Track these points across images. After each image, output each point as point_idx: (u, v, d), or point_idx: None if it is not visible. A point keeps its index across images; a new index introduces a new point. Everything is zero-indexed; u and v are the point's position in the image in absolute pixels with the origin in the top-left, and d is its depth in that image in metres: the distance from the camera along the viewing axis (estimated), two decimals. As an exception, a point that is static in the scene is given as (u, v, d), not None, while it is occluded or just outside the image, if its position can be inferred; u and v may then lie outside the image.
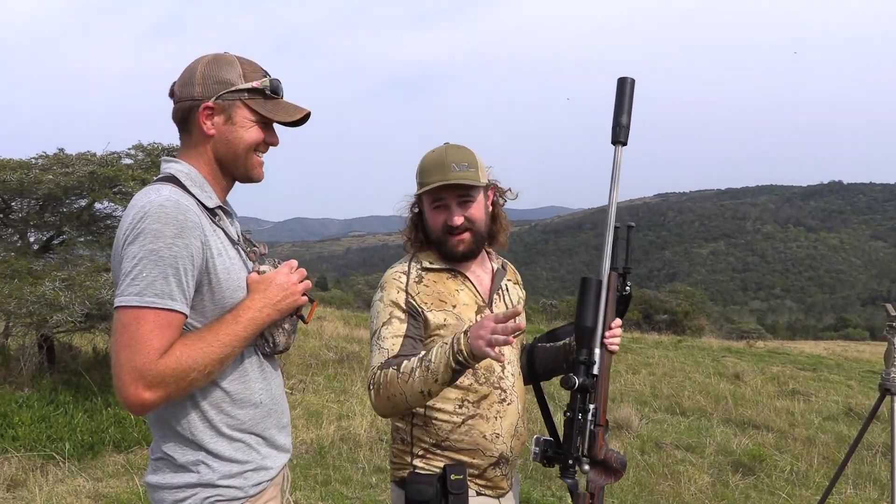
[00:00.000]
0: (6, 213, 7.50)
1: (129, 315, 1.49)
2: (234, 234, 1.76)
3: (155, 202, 1.55)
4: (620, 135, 2.03)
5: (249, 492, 1.68)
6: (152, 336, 1.49)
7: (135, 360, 1.47)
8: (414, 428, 2.08)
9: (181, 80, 1.70)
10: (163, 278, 1.51)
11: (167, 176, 1.67)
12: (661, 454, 6.04)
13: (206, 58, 1.70)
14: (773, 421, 7.59)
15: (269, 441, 1.76)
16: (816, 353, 16.33)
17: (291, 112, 1.74)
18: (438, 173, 2.05)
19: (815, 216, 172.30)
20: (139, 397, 1.48)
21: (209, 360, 1.55)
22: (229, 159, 1.71)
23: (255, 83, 1.69)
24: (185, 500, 1.63)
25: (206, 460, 1.64)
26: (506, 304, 2.20)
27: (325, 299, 30.18)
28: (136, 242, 1.52)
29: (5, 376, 6.82)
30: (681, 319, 25.43)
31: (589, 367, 1.91)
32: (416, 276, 2.12)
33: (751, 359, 13.34)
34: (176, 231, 1.53)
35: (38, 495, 4.42)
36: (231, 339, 1.59)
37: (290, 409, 4.96)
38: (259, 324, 1.65)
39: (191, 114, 1.68)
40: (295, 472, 5.18)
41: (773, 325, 48.86)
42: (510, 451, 2.10)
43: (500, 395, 2.08)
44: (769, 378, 10.64)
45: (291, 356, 10.03)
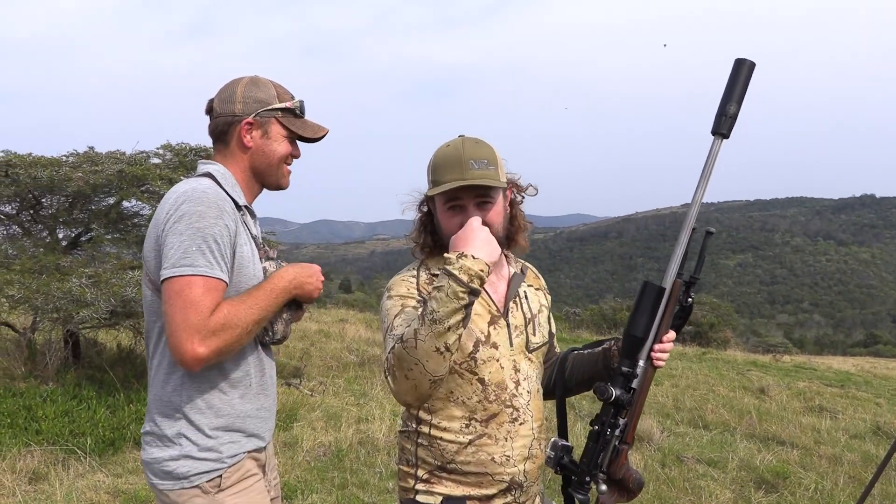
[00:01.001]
0: (36, 209, 7.62)
1: (182, 282, 1.70)
2: (255, 231, 2.00)
3: (197, 189, 1.79)
4: (723, 125, 1.76)
5: (227, 462, 1.87)
6: (203, 298, 1.70)
7: (190, 318, 1.68)
8: (419, 448, 1.92)
9: (220, 98, 1.94)
10: (209, 252, 1.73)
11: (205, 173, 1.91)
12: (683, 468, 5.95)
13: (244, 79, 1.96)
14: (798, 437, 7.45)
15: (252, 420, 1.94)
16: (844, 369, 16.04)
17: (316, 130, 2.02)
18: (455, 171, 1.82)
19: (847, 230, 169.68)
20: (195, 351, 1.68)
21: (250, 320, 1.77)
22: (263, 168, 1.97)
23: (288, 103, 1.97)
24: (171, 473, 1.83)
25: (188, 433, 1.84)
26: (523, 314, 1.99)
27: (348, 302, 30.30)
28: (183, 221, 1.74)
29: (31, 370, 6.91)
30: (706, 331, 25.14)
31: (629, 379, 1.78)
32: (426, 278, 1.94)
33: (777, 373, 13.13)
34: (217, 213, 1.76)
35: (58, 489, 4.46)
36: (267, 304, 1.82)
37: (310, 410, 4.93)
38: (286, 295, 1.87)
39: (231, 128, 1.93)
40: (312, 475, 5.19)
41: (800, 339, 48.16)
42: (523, 476, 1.90)
43: (512, 414, 1.89)
44: (795, 393, 10.46)
45: (313, 358, 10.06)
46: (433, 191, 1.88)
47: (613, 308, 26.82)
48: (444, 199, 1.89)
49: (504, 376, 1.89)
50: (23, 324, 7.57)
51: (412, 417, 1.95)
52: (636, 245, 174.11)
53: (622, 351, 1.81)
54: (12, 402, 5.85)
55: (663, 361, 1.84)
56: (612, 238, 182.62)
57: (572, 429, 7.06)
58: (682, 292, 1.82)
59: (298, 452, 5.71)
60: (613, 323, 23.87)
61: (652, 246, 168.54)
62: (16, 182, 6.99)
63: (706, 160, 1.78)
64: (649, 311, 1.77)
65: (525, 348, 1.96)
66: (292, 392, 7.90)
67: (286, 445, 5.91)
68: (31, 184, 7.01)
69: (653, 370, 1.83)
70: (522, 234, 2.02)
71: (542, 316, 2.06)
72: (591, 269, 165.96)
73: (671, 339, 1.84)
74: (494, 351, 1.89)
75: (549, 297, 2.17)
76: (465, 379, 1.87)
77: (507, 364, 1.91)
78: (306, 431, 6.27)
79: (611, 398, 1.74)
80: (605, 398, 1.74)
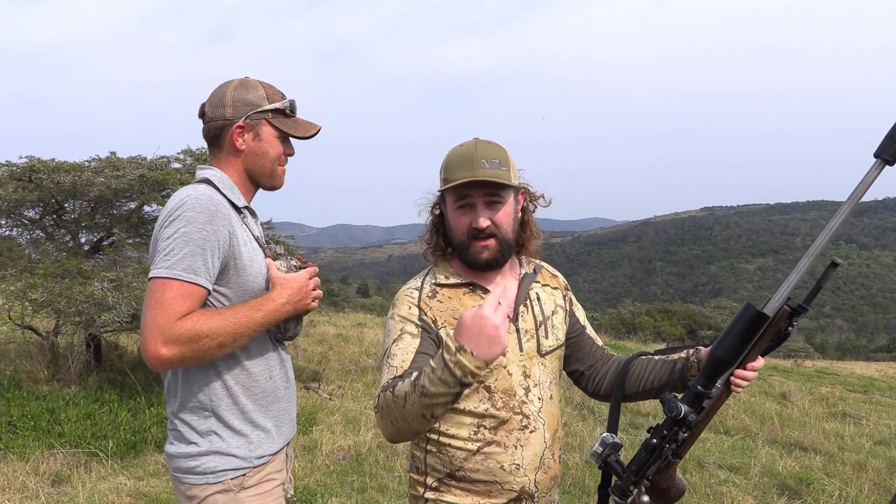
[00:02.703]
0: (59, 213, 7.70)
1: (158, 283, 1.73)
2: (257, 231, 2.04)
3: (192, 195, 1.80)
4: (889, 150, 1.48)
5: (254, 462, 1.91)
6: (175, 301, 1.71)
7: (158, 319, 1.69)
8: (428, 455, 1.89)
9: (211, 102, 1.96)
10: (191, 256, 1.74)
11: (203, 179, 1.93)
12: (704, 474, 5.90)
13: (233, 83, 1.97)
14: (821, 443, 7.36)
15: (276, 419, 1.99)
16: (867, 374, 15.84)
17: (308, 128, 2.04)
18: (466, 169, 1.79)
19: (869, 233, 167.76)
20: (157, 352, 1.68)
21: (223, 332, 1.76)
22: (258, 170, 1.99)
23: (278, 104, 1.97)
24: (197, 467, 1.87)
25: (219, 430, 1.88)
26: (534, 316, 1.93)
27: (365, 306, 30.36)
28: (172, 226, 1.77)
29: (54, 373, 6.99)
30: (726, 336, 24.92)
31: (701, 399, 1.67)
32: (430, 291, 1.90)
33: (798, 378, 13.00)
34: (207, 218, 1.78)
35: (80, 492, 4.50)
36: (247, 321, 1.81)
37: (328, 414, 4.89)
38: (277, 316, 1.88)
39: (223, 132, 1.95)
40: (331, 478, 5.19)
41: (822, 344, 47.62)
42: (534, 486, 1.85)
43: (522, 422, 1.84)
44: (817, 399, 10.35)
45: (331, 361, 10.09)
46: (442, 187, 1.86)
47: (632, 312, 26.69)
48: (454, 197, 1.86)
49: (512, 383, 1.85)
50: (46, 327, 7.66)
51: None
52: (655, 249, 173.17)
53: (702, 368, 1.69)
54: (35, 405, 5.92)
55: (741, 388, 1.72)
56: (631, 242, 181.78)
57: (591, 433, 7.02)
58: (786, 319, 1.66)
59: (318, 456, 5.72)
60: (632, 327, 23.75)
61: (671, 250, 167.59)
62: (39, 187, 7.07)
63: (858, 185, 1.53)
64: (742, 336, 1.63)
65: (537, 352, 1.91)
66: (311, 396, 7.92)
67: (305, 449, 5.93)
68: (54, 189, 7.09)
69: (728, 394, 1.71)
70: (534, 241, 2.00)
71: (556, 317, 1.99)
72: (609, 273, 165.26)
73: (757, 367, 1.72)
74: (502, 358, 1.84)
75: (570, 295, 2.09)
76: (471, 388, 1.78)
77: (515, 370, 1.86)
78: (325, 435, 6.28)
79: (679, 416, 1.63)
80: (674, 415, 1.64)
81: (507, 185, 1.82)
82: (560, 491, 5.08)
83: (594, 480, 5.33)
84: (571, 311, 2.07)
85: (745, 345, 1.64)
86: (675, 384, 1.90)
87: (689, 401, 1.66)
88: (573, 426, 7.23)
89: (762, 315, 1.60)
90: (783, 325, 1.65)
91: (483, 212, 1.82)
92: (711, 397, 1.67)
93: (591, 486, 5.29)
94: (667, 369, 1.92)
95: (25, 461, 4.96)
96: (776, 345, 1.70)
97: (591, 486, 5.29)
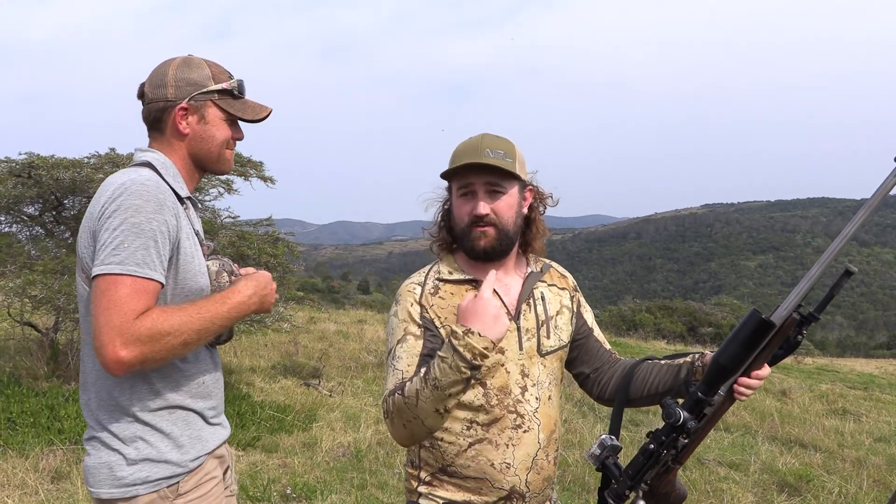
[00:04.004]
0: (59, 210, 7.69)
1: (109, 281, 1.57)
2: (197, 226, 1.88)
3: (136, 180, 1.65)
4: None
5: (189, 466, 1.76)
6: (129, 299, 1.56)
7: (113, 320, 1.54)
8: (421, 450, 1.88)
9: (151, 82, 1.81)
10: (143, 249, 1.59)
11: (144, 162, 1.78)
12: (704, 470, 5.90)
13: (175, 61, 1.81)
14: (821, 440, 7.36)
15: (208, 417, 1.84)
16: (868, 371, 15.86)
17: (257, 111, 1.89)
18: (469, 157, 1.80)
19: (869, 230, 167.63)
20: (116, 355, 1.53)
21: (186, 329, 1.61)
22: (204, 155, 1.85)
23: (225, 84, 1.83)
24: (125, 479, 1.68)
25: (145, 435, 1.71)
26: (536, 315, 1.91)
27: (366, 303, 30.37)
28: (117, 216, 1.60)
29: (54, 370, 6.99)
30: (726, 333, 24.93)
31: (701, 406, 1.63)
32: (432, 287, 1.89)
33: (798, 375, 13.01)
34: (156, 207, 1.63)
35: (80, 488, 4.49)
36: (213, 316, 1.66)
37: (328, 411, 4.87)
38: (243, 310, 1.74)
39: (164, 114, 1.80)
40: (331, 475, 5.19)
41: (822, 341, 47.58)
42: (525, 486, 1.82)
43: (515, 420, 1.82)
44: (817, 396, 10.35)
45: (331, 358, 10.09)
46: (444, 172, 1.87)
47: (633, 309, 26.69)
48: (457, 185, 1.87)
49: (509, 380, 1.83)
50: (45, 324, 7.65)
51: None
52: (655, 246, 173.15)
53: (704, 375, 1.65)
54: (35, 402, 5.92)
55: (745, 397, 1.67)
56: (631, 239, 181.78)
57: (591, 430, 7.02)
58: (795, 328, 1.59)
59: (318, 453, 5.73)
60: (633, 324, 23.75)
61: (671, 247, 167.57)
62: (38, 183, 7.06)
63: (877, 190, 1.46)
64: (746, 344, 1.58)
65: (537, 352, 1.89)
66: (311, 392, 7.92)
67: (305, 446, 5.93)
68: (53, 185, 7.08)
69: (731, 402, 1.66)
70: (540, 239, 1.99)
71: (560, 318, 1.96)
72: (609, 270, 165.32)
73: (762, 375, 1.66)
74: (500, 356, 1.83)
75: (579, 297, 2.07)
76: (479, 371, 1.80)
77: (513, 368, 1.84)
78: (325, 432, 6.28)
79: (677, 422, 1.60)
80: (672, 421, 1.60)
81: (508, 174, 1.82)
82: (560, 488, 5.09)
83: (594, 477, 5.33)
84: (579, 312, 2.05)
85: (749, 353, 1.59)
86: (679, 389, 1.87)
87: (690, 407, 1.63)
88: (573, 423, 7.23)
89: (767, 323, 1.55)
90: (792, 334, 1.59)
91: (483, 198, 1.83)
92: (713, 404, 1.63)
93: (591, 483, 5.29)
94: (671, 374, 1.90)
95: (25, 458, 4.95)
96: (786, 354, 1.64)
97: (591, 483, 5.29)
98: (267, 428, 6.28)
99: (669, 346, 18.11)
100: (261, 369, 9.00)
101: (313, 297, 24.31)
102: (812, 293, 1.57)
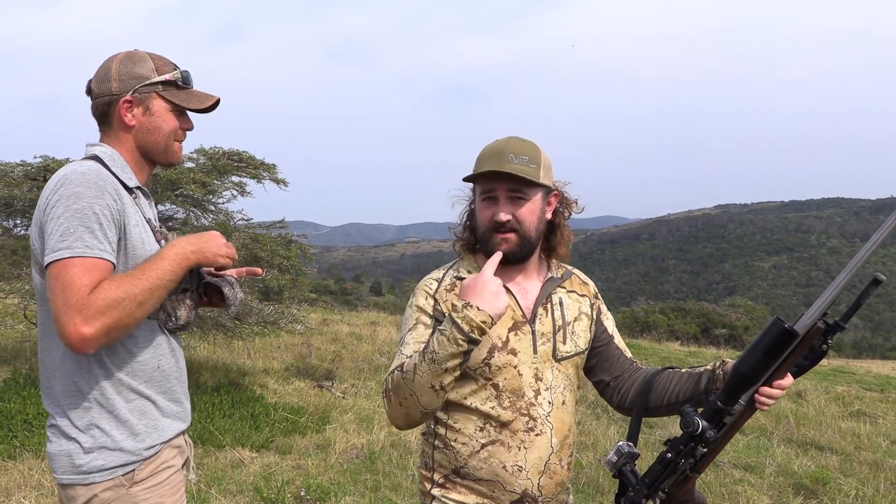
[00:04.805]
0: (74, 213, 7.75)
1: (60, 266, 1.62)
2: (149, 214, 1.92)
3: (76, 170, 1.71)
4: None
5: (144, 454, 1.79)
6: (81, 277, 1.60)
7: (69, 300, 1.58)
8: (435, 451, 1.91)
9: (97, 77, 1.85)
10: (89, 233, 1.64)
11: (91, 156, 1.82)
12: (719, 473, 5.86)
13: (119, 56, 1.86)
14: (837, 443, 7.30)
15: (165, 406, 1.86)
16: (884, 373, 15.69)
17: (203, 100, 1.92)
18: (492, 162, 1.81)
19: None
20: (79, 332, 1.57)
21: (138, 290, 1.65)
22: (150, 146, 1.88)
23: (168, 76, 1.86)
24: (82, 466, 1.73)
25: (101, 423, 1.75)
26: (553, 320, 1.91)
27: (378, 304, 30.39)
28: (60, 205, 1.66)
29: (69, 372, 7.03)
30: (740, 334, 24.78)
31: (722, 415, 1.60)
32: (449, 283, 1.90)
33: (814, 377, 12.88)
34: (96, 192, 1.68)
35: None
36: (158, 272, 1.70)
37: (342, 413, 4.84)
38: (184, 262, 1.76)
39: (110, 108, 1.84)
40: (345, 477, 5.20)
41: (837, 342, 47.26)
42: (537, 490, 1.83)
43: (528, 424, 1.82)
44: (833, 398, 10.26)
45: (344, 360, 10.11)
46: (467, 176, 1.89)
47: (646, 310, 26.57)
48: (480, 189, 1.89)
49: (522, 383, 1.83)
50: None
51: (431, 419, 1.92)
52: (668, 247, 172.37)
53: (724, 384, 1.63)
54: (51, 403, 5.96)
55: (767, 406, 1.64)
56: (644, 240, 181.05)
57: (605, 432, 6.99)
58: (820, 337, 1.55)
59: (331, 454, 5.74)
60: (646, 326, 23.65)
61: (685, 248, 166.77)
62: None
63: None
64: (767, 353, 1.54)
65: (552, 357, 1.89)
66: (324, 394, 7.94)
67: (319, 447, 5.94)
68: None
69: (751, 411, 1.63)
70: (564, 244, 2.00)
71: (578, 325, 1.96)
72: (622, 271, 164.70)
73: (784, 385, 1.62)
74: (512, 357, 1.84)
75: (599, 304, 2.07)
76: (479, 384, 1.84)
77: (526, 371, 1.85)
78: (339, 434, 6.29)
79: (696, 432, 1.57)
80: (690, 430, 1.58)
81: (531, 181, 1.82)
82: (574, 490, 5.07)
83: (608, 480, 5.31)
84: (599, 319, 2.05)
85: (771, 362, 1.56)
86: (699, 397, 1.85)
87: (709, 416, 1.60)
88: (587, 425, 7.21)
89: (789, 332, 1.51)
90: (817, 343, 1.55)
91: (505, 205, 1.83)
92: (733, 414, 1.60)
93: (606, 485, 5.27)
94: (692, 383, 1.87)
95: (41, 459, 4.99)
96: (812, 363, 1.60)
97: (606, 485, 5.27)
98: (280, 430, 6.30)
99: (683, 348, 18.00)
100: (274, 371, 9.03)
101: (326, 299, 24.36)
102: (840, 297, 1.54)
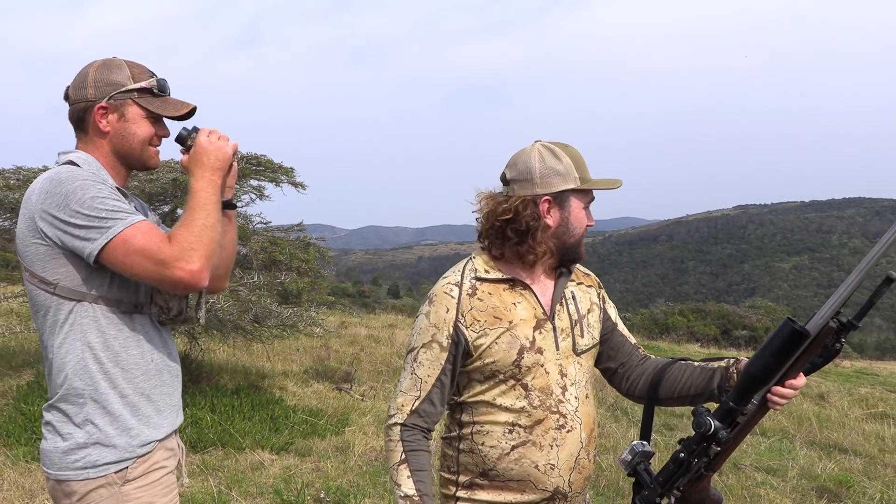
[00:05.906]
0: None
1: (119, 242, 1.66)
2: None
3: (62, 171, 1.73)
4: None
5: (137, 452, 1.80)
6: (148, 238, 1.67)
7: (157, 256, 1.65)
8: (460, 454, 1.89)
9: (74, 84, 1.88)
10: (113, 210, 1.68)
11: (66, 161, 1.84)
12: (741, 476, 5.81)
13: (95, 63, 1.88)
14: (861, 445, 7.21)
15: (158, 405, 1.87)
16: (908, 374, 15.48)
17: (178, 107, 1.94)
18: (588, 172, 1.87)
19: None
20: (188, 271, 1.66)
21: (200, 217, 1.73)
22: (126, 152, 1.90)
23: (144, 83, 1.88)
24: (76, 462, 1.75)
25: (95, 419, 1.76)
26: (569, 315, 1.91)
27: (396, 307, 30.43)
28: (72, 201, 1.67)
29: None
30: (761, 336, 24.56)
31: (735, 415, 1.60)
32: (470, 287, 1.85)
33: (836, 379, 12.75)
34: (91, 179, 1.72)
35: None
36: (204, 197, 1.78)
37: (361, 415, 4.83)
38: (219, 169, 1.85)
39: (86, 114, 1.86)
40: (364, 479, 5.21)
41: (860, 343, 46.67)
42: (568, 486, 1.83)
43: (559, 421, 1.82)
44: (857, 400, 10.14)
45: (363, 363, 10.13)
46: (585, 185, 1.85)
47: (665, 312, 26.40)
48: (583, 198, 1.89)
49: (550, 381, 1.83)
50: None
51: (455, 423, 1.92)
52: (687, 248, 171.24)
53: (736, 384, 1.64)
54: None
55: (780, 406, 1.63)
56: (663, 241, 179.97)
57: (625, 434, 6.95)
58: (833, 336, 1.55)
59: (350, 457, 5.75)
60: (665, 327, 23.50)
61: (704, 249, 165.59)
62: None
63: None
64: (777, 354, 1.54)
65: (572, 351, 1.89)
66: (343, 397, 7.96)
67: (338, 450, 5.96)
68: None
69: (764, 411, 1.62)
70: None
71: (592, 316, 1.98)
72: (641, 272, 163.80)
73: (797, 385, 1.62)
74: (539, 356, 1.83)
75: (603, 293, 2.08)
76: (508, 385, 1.83)
77: (552, 368, 1.84)
78: (358, 436, 6.31)
79: (708, 432, 1.58)
80: (702, 431, 1.58)
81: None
82: (594, 493, 5.04)
83: (628, 483, 5.28)
84: (604, 308, 2.06)
85: (782, 363, 1.56)
86: (711, 394, 1.85)
87: (721, 416, 1.60)
88: (606, 427, 7.17)
89: (800, 332, 1.51)
90: (830, 342, 1.55)
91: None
92: (745, 414, 1.60)
93: (625, 487, 5.24)
94: (705, 377, 1.87)
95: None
96: (825, 361, 1.60)
97: (625, 487, 5.24)
98: (300, 432, 6.32)
99: (703, 350, 17.87)
100: (293, 374, 9.07)
101: (344, 302, 24.42)
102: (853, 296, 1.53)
